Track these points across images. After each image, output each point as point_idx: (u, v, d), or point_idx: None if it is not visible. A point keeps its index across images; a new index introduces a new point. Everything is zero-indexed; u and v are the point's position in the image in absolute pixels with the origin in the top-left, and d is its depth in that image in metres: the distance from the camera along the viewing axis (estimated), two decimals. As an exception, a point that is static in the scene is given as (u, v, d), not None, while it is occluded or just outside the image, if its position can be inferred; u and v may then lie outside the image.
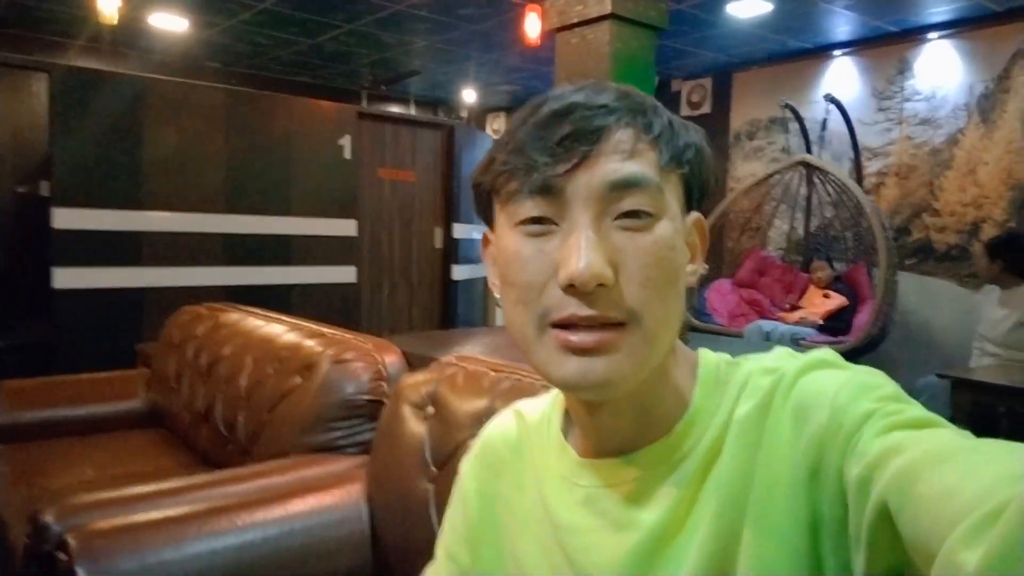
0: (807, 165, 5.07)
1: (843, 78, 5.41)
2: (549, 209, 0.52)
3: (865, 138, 5.27)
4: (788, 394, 0.53)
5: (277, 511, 1.33)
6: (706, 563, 0.52)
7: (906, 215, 5.19)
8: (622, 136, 0.53)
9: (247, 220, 4.56)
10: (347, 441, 1.65)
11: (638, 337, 0.51)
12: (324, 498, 1.40)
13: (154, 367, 2.57)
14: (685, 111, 6.59)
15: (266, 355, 1.95)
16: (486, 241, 0.63)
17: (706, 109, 6.44)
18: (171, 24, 5.23)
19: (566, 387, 0.54)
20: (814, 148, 5.38)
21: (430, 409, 1.35)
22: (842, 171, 5.08)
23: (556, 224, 0.53)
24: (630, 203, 0.52)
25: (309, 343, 1.85)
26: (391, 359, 1.72)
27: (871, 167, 5.31)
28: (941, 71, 4.90)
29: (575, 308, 0.50)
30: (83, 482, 1.92)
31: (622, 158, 0.52)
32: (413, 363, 1.76)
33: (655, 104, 0.56)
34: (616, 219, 0.52)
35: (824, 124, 5.30)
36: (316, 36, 5.44)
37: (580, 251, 0.50)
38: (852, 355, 4.37)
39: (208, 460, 2.06)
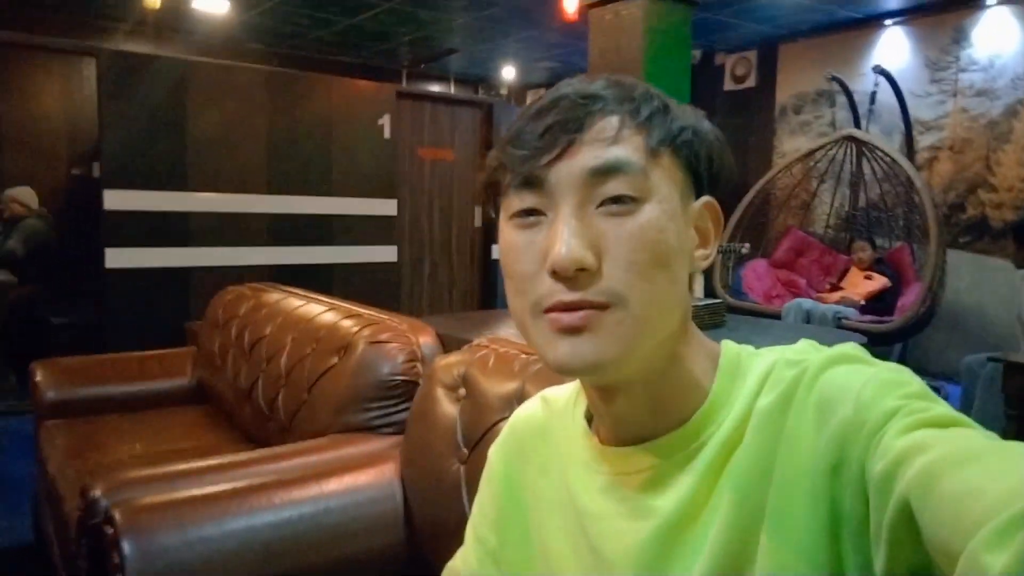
0: (854, 140, 4.93)
1: (894, 49, 5.23)
2: (537, 200, 0.54)
3: (917, 111, 5.10)
4: (811, 387, 0.52)
5: (313, 490, 1.36)
6: (723, 553, 0.52)
7: (960, 191, 5.03)
8: (606, 124, 0.54)
9: (290, 200, 4.63)
10: (383, 421, 1.67)
11: (622, 317, 0.52)
12: (359, 477, 1.43)
13: (200, 346, 2.64)
14: (729, 85, 6.46)
15: (305, 335, 1.98)
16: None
17: (751, 83, 6.30)
18: (213, 6, 5.29)
19: (560, 369, 0.55)
20: (863, 122, 5.23)
21: (462, 391, 1.36)
22: (891, 146, 4.93)
23: (544, 215, 0.54)
24: (612, 188, 0.52)
25: (346, 323, 1.88)
26: (426, 340, 1.74)
27: (923, 141, 5.15)
28: (999, 39, 4.71)
29: (561, 294, 0.52)
30: (133, 456, 1.99)
31: (604, 145, 0.53)
32: (448, 344, 1.77)
33: (648, 90, 0.57)
34: (600, 205, 0.53)
35: (873, 97, 5.14)
36: (355, 15, 5.46)
37: (560, 238, 0.51)
38: (897, 336, 4.26)
39: (251, 437, 2.12)
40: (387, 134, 4.92)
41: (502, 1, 5.04)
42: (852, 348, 0.55)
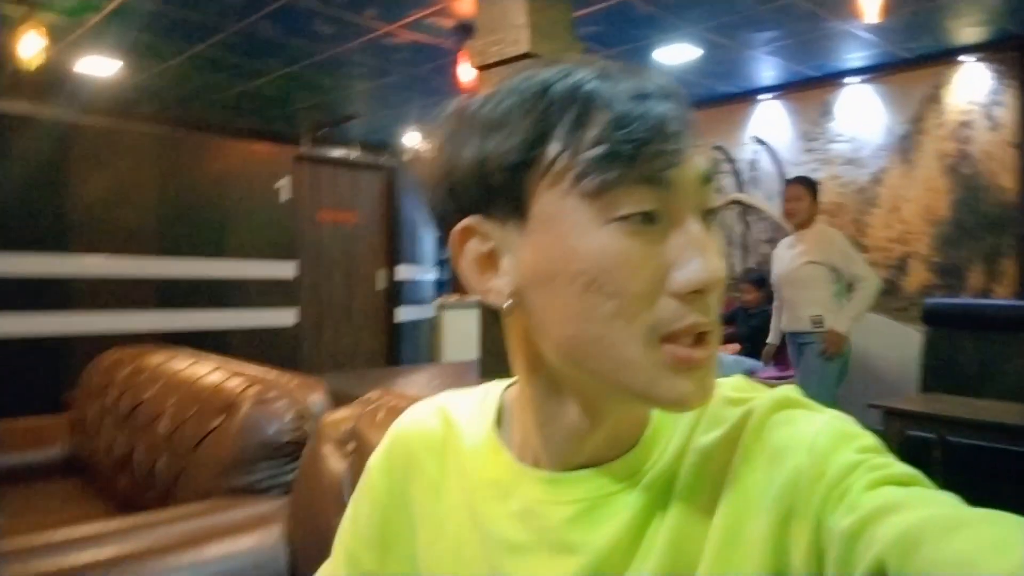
0: (740, 203, 5.23)
1: (771, 120, 5.63)
2: (656, 202, 0.46)
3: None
4: (760, 431, 0.49)
5: (190, 556, 1.29)
6: None
7: (835, 251, 5.38)
8: (691, 129, 0.49)
9: (182, 263, 4.48)
10: (271, 482, 1.61)
11: (717, 346, 0.49)
12: (242, 541, 1.36)
13: (74, 413, 2.47)
14: (623, 153, 6.77)
15: (188, 396, 1.90)
16: (464, 236, 0.52)
17: (643, 151, 6.62)
18: (102, 67, 5.15)
19: (674, 406, 0.48)
20: (747, 188, 5.56)
21: (351, 446, 1.33)
22: (773, 209, 5.25)
23: (661, 221, 0.47)
24: (711, 198, 0.49)
25: (232, 383, 1.81)
26: (315, 397, 1.70)
27: (800, 205, 5.51)
28: (862, 114, 5.15)
29: (697, 315, 0.46)
30: (-9, 536, 1.82)
31: (699, 152, 0.49)
32: (341, 401, 1.73)
33: None
34: (702, 216, 0.48)
35: (754, 164, 5.49)
36: (252, 80, 5.43)
37: (708, 251, 0.46)
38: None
39: (129, 507, 1.98)
40: (285, 196, 4.87)
41: (400, 69, 5.14)
42: (793, 392, 0.53)
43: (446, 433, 0.63)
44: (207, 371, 2.00)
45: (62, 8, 3.93)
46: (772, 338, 4.05)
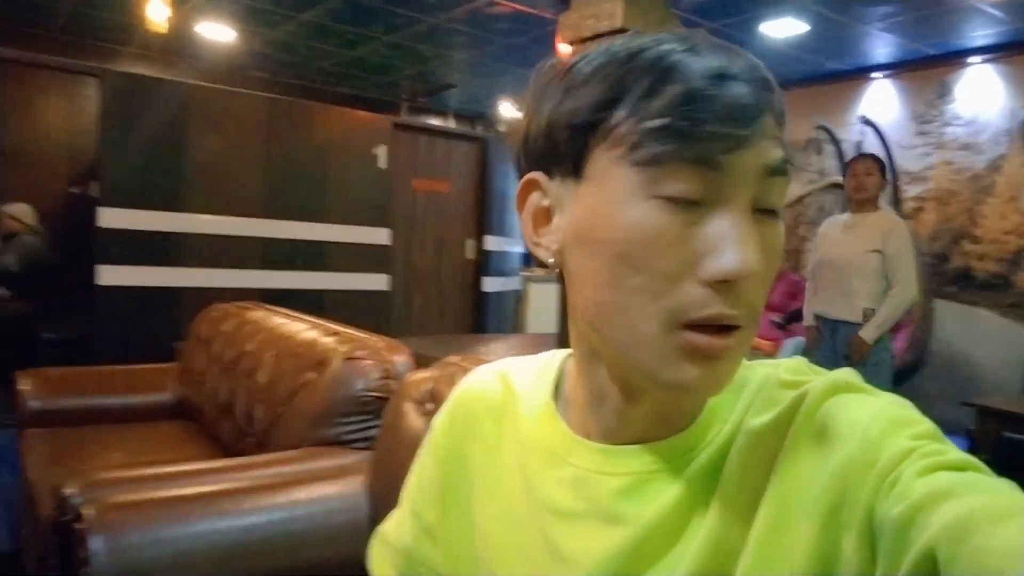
0: (840, 187, 5.04)
1: (881, 101, 5.37)
2: (705, 184, 0.45)
3: (904, 162, 5.22)
4: (812, 416, 0.48)
5: (281, 497, 1.40)
6: (698, 571, 0.49)
7: (945, 241, 5.11)
8: (770, 118, 0.47)
9: (284, 225, 4.70)
10: (355, 436, 1.71)
11: (744, 339, 0.48)
12: (328, 487, 1.46)
13: (184, 362, 2.67)
14: (721, 130, 6.60)
15: (285, 351, 2.03)
16: (528, 188, 0.54)
17: (742, 128, 6.43)
18: (218, 33, 5.42)
19: (678, 391, 0.49)
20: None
21: (430, 405, 1.40)
22: (876, 193, 5.03)
23: (705, 204, 0.46)
24: (775, 193, 0.48)
25: (325, 340, 1.93)
26: (400, 358, 1.79)
27: (909, 191, 5.25)
28: (983, 96, 4.84)
29: (722, 306, 0.45)
30: (111, 465, 2.01)
31: (773, 143, 0.47)
32: (423, 364, 1.82)
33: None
34: (756, 210, 0.47)
35: (859, 147, 5.26)
36: (356, 48, 5.59)
37: (746, 242, 0.45)
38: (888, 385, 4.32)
39: (229, 451, 2.14)
40: (382, 164, 5.01)
41: (499, 39, 5.18)
42: (851, 375, 0.52)
43: (505, 397, 0.65)
44: (302, 329, 2.13)
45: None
46: (809, 320, 3.65)
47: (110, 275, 4.11)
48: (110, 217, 4.10)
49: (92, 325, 4.19)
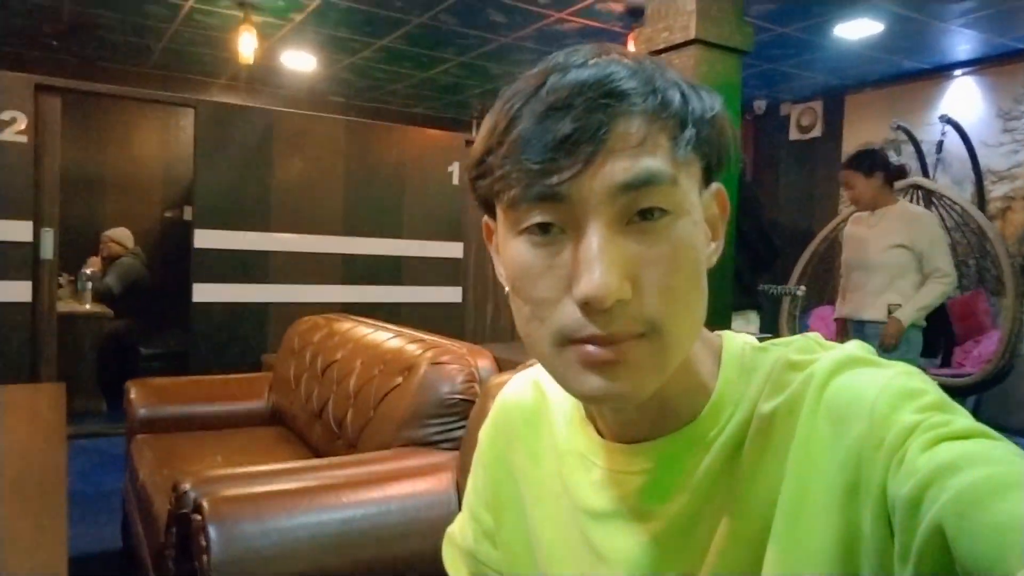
0: (922, 188, 4.89)
1: (963, 98, 5.20)
2: (556, 215, 0.47)
3: (989, 161, 5.04)
4: (820, 396, 0.50)
5: (377, 493, 1.48)
6: (726, 563, 0.51)
7: (1033, 243, 4.90)
8: (631, 125, 0.46)
9: (363, 241, 4.88)
10: (442, 437, 1.79)
11: (657, 347, 0.48)
12: (418, 485, 1.54)
13: (276, 371, 2.82)
14: (794, 135, 6.49)
15: (372, 358, 2.13)
16: (488, 230, 0.58)
17: (816, 132, 6.32)
18: (300, 62, 5.69)
19: (589, 401, 0.52)
20: (931, 171, 5.18)
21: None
22: (960, 195, 4.86)
23: (564, 231, 0.48)
24: (643, 202, 0.47)
25: (410, 347, 2.02)
26: (483, 363, 1.86)
27: (996, 191, 5.06)
28: (1074, 89, 4.64)
29: (593, 328, 0.46)
30: (215, 467, 2.15)
31: (632, 153, 0.46)
32: (504, 367, 1.89)
33: (670, 78, 0.50)
34: (630, 222, 0.47)
35: (940, 146, 5.10)
36: (429, 69, 5.76)
37: (594, 267, 0.45)
38: (975, 388, 4.16)
39: (320, 454, 2.26)
40: (456, 181, 5.14)
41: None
42: (858, 349, 0.53)
43: (540, 405, 0.67)
44: (388, 337, 2.23)
45: (273, 8, 4.39)
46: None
47: (204, 292, 4.36)
48: (204, 238, 4.35)
49: (188, 340, 4.44)
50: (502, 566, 0.70)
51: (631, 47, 3.58)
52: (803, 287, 4.45)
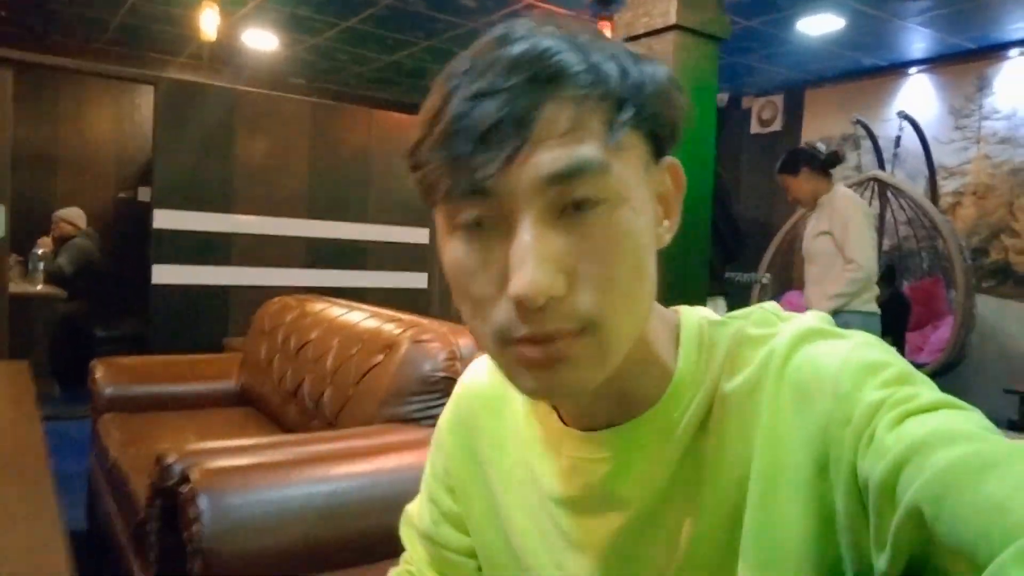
0: (879, 182, 5.04)
1: (918, 96, 5.36)
2: (486, 210, 0.45)
3: (941, 157, 5.21)
4: (782, 373, 0.49)
5: (364, 466, 1.48)
6: (700, 546, 0.51)
7: (984, 236, 5.09)
8: (561, 111, 0.44)
9: (327, 225, 4.82)
10: (423, 414, 1.79)
11: (597, 342, 0.46)
12: (404, 458, 1.55)
13: (245, 351, 2.78)
14: (755, 128, 6.62)
15: (350, 337, 2.12)
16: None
17: (777, 126, 6.44)
18: (261, 41, 5.57)
19: (532, 397, 0.51)
20: (887, 166, 5.34)
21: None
22: (916, 189, 5.03)
23: (496, 227, 0.45)
24: (575, 193, 0.44)
25: (389, 326, 2.02)
26: (464, 341, 1.87)
27: (947, 186, 5.24)
28: (1022, 89, 4.82)
29: (530, 328, 0.44)
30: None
31: (561, 142, 0.43)
32: (486, 346, 1.90)
33: (607, 49, 0.47)
34: (563, 213, 0.45)
35: (898, 142, 5.26)
36: (394, 53, 5.71)
37: (525, 264, 0.43)
38: (932, 376, 4.33)
39: (303, 427, 2.24)
40: (423, 165, 5.12)
41: (537, 42, 5.27)
42: (817, 320, 0.52)
43: (501, 391, 0.65)
44: (363, 317, 2.22)
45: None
46: None
47: (163, 274, 4.26)
48: (163, 218, 4.25)
49: (146, 322, 4.34)
50: (473, 551, 0.69)
51: (607, 34, 3.61)
52: (768, 275, 4.56)
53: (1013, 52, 4.83)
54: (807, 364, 0.48)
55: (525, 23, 0.47)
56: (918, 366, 4.03)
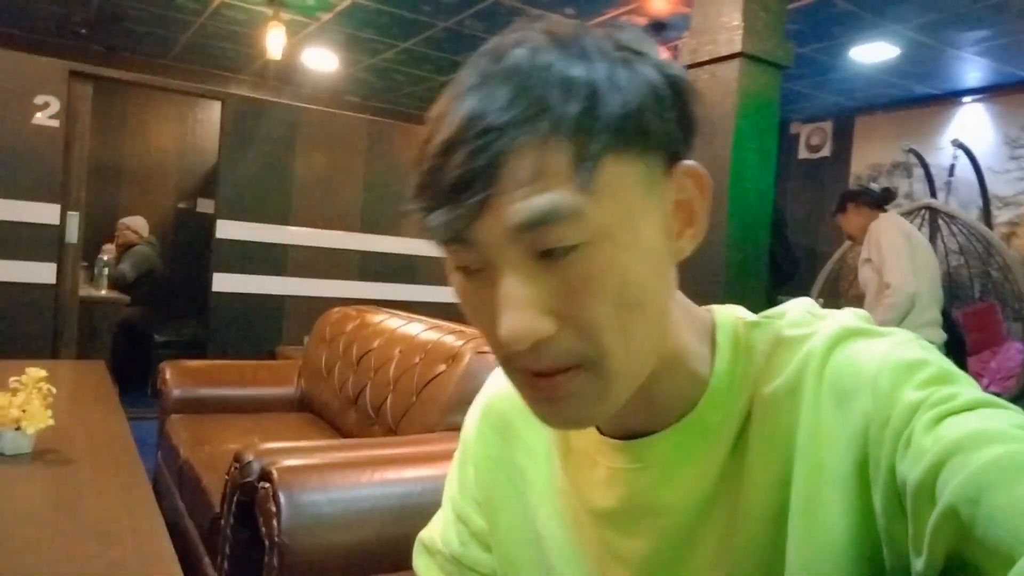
0: (932, 210, 4.99)
1: (972, 125, 5.31)
2: (469, 257, 0.45)
3: (995, 187, 5.14)
4: (821, 373, 0.49)
5: (433, 470, 1.55)
6: (748, 549, 0.50)
7: (1038, 267, 5.00)
8: (521, 160, 0.42)
9: (380, 239, 4.95)
10: (485, 424, 1.86)
11: (596, 376, 0.46)
12: (468, 465, 1.61)
13: (306, 359, 2.88)
14: (803, 154, 6.60)
15: (412, 348, 2.20)
16: None
17: (826, 152, 6.42)
18: (321, 61, 5.76)
19: (544, 424, 0.50)
20: (940, 195, 5.29)
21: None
22: (966, 216, 4.97)
23: (484, 270, 0.46)
24: (547, 239, 0.43)
25: (450, 338, 2.09)
26: (527, 354, 1.93)
27: (1001, 216, 5.16)
28: (1081, 120, 4.75)
29: (527, 362, 0.45)
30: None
31: (527, 190, 0.42)
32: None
33: (567, 78, 0.43)
34: (542, 257, 0.44)
35: (951, 170, 5.21)
36: (448, 73, 5.83)
37: (504, 312, 0.43)
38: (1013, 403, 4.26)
39: (363, 433, 2.31)
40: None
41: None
42: (854, 319, 0.52)
43: None
44: (423, 329, 2.30)
45: (302, 6, 4.46)
46: None
47: (224, 282, 4.41)
48: (226, 228, 4.41)
49: (205, 328, 4.50)
50: (494, 569, 0.67)
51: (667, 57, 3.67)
52: (821, 299, 4.55)
53: (1072, 82, 4.76)
54: (846, 364, 0.48)
55: (500, 43, 0.46)
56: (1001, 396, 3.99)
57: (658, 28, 4.21)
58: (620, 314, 0.45)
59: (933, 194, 5.26)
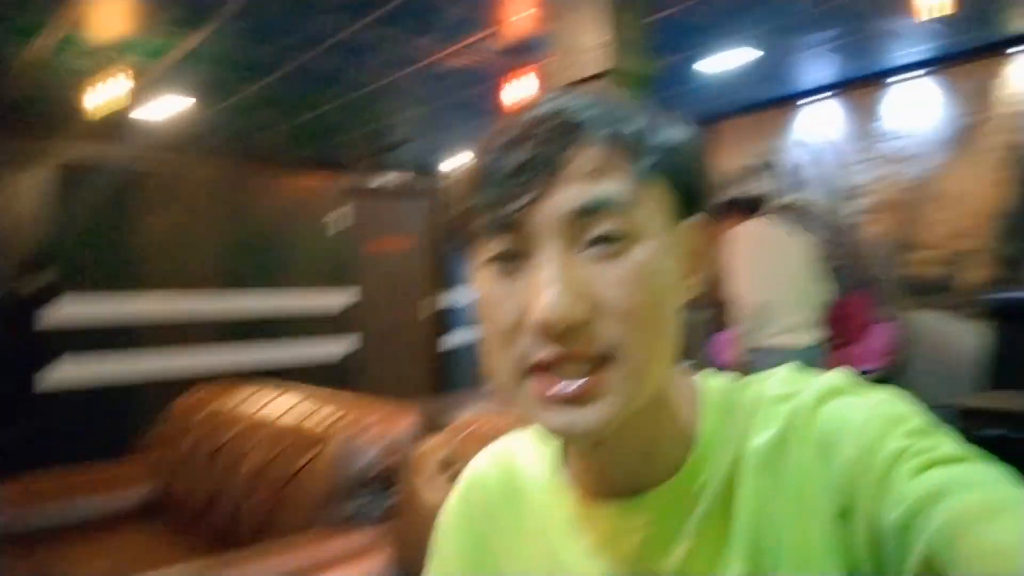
0: (788, 208, 5.16)
1: (822, 122, 5.54)
2: (514, 243, 0.49)
3: (854, 176, 5.38)
4: (809, 426, 0.50)
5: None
6: None
7: (891, 250, 5.24)
8: (587, 154, 0.48)
9: (242, 297, 4.57)
10: (369, 512, 1.61)
11: (622, 375, 0.47)
12: (351, 570, 1.36)
13: (153, 457, 2.48)
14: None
15: (270, 436, 1.93)
16: None
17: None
18: (172, 104, 5.31)
19: (556, 435, 0.50)
20: (794, 191, 5.50)
21: (448, 473, 1.32)
22: (826, 209, 5.19)
23: (524, 258, 0.49)
24: (599, 228, 0.47)
25: (314, 420, 1.84)
26: (405, 424, 1.70)
27: (855, 206, 5.39)
28: (919, 109, 5.03)
29: (543, 353, 0.47)
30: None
31: (587, 180, 0.47)
32: (436, 422, 1.72)
33: (633, 107, 0.52)
34: (587, 248, 0.48)
35: (797, 170, 5.43)
36: (309, 111, 5.54)
37: (545, 291, 0.46)
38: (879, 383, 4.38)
39: (221, 542, 1.98)
40: (340, 226, 4.95)
41: (448, 94, 5.20)
42: (842, 378, 0.53)
43: (512, 480, 0.64)
44: (291, 404, 2.01)
45: (144, 51, 4.06)
46: None
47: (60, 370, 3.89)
48: (64, 307, 3.92)
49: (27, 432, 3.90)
50: None
51: (535, 82, 3.56)
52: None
53: (911, 74, 5.05)
54: (834, 417, 0.50)
55: (555, 92, 0.52)
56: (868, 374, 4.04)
57: (519, 52, 4.10)
58: (650, 311, 0.48)
59: (792, 191, 5.45)
